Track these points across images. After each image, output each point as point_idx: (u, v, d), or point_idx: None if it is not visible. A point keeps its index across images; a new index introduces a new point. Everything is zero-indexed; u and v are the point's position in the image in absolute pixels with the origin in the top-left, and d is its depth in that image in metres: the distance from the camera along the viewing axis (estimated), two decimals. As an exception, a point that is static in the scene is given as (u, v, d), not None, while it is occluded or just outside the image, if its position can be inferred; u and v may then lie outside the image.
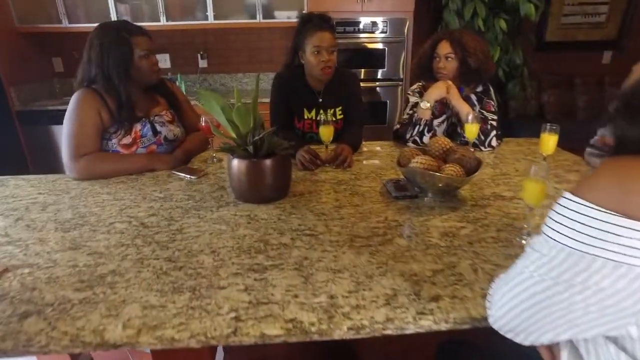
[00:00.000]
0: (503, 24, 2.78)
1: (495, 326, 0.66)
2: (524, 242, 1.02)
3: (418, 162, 1.21)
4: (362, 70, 3.30)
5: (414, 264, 0.93)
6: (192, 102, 1.87)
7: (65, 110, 1.45)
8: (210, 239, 1.04)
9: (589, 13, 3.82)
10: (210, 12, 3.20)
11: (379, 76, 3.32)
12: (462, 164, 1.25)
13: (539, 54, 3.83)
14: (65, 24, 3.20)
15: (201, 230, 1.08)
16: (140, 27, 1.51)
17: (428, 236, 1.05)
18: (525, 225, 1.05)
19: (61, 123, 1.46)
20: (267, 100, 1.83)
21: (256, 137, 1.16)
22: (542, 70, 3.75)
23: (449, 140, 1.34)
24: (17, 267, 0.93)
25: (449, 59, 1.75)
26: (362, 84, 3.32)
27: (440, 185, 1.21)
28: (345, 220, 1.13)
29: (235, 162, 1.20)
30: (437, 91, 1.74)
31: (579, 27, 3.87)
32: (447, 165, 1.22)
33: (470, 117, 1.56)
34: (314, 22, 1.67)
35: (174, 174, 1.50)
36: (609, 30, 3.89)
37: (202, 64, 3.66)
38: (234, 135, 1.21)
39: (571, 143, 1.71)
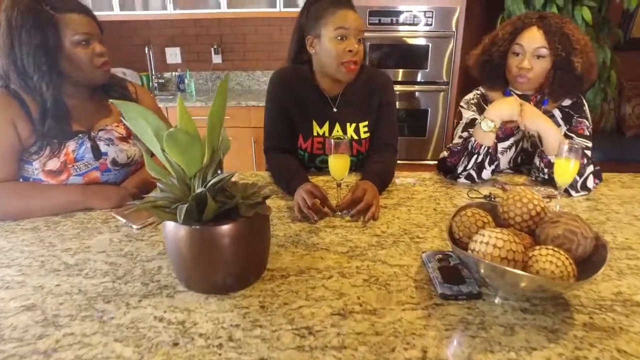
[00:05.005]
0: (587, 14, 2.13)
1: None
2: None
3: (490, 243, 0.66)
4: (400, 70, 2.74)
5: None
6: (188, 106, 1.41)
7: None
8: (89, 385, 0.56)
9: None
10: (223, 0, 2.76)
11: (420, 78, 2.75)
12: (569, 246, 0.70)
13: (620, 54, 3.09)
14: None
15: (84, 359, 0.60)
16: (77, 2, 1.06)
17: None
18: None
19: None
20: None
21: (201, 189, 0.66)
22: (624, 75, 3.02)
23: (539, 196, 0.79)
24: None
25: (540, 57, 1.17)
26: (399, 88, 2.81)
27: (526, 285, 0.66)
28: (346, 353, 0.61)
29: (172, 227, 0.71)
30: (508, 107, 1.16)
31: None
32: (539, 248, 0.68)
33: (565, 149, 0.99)
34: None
35: (114, 217, 1.04)
36: None
37: (216, 59, 3.22)
38: (174, 176, 0.72)
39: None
